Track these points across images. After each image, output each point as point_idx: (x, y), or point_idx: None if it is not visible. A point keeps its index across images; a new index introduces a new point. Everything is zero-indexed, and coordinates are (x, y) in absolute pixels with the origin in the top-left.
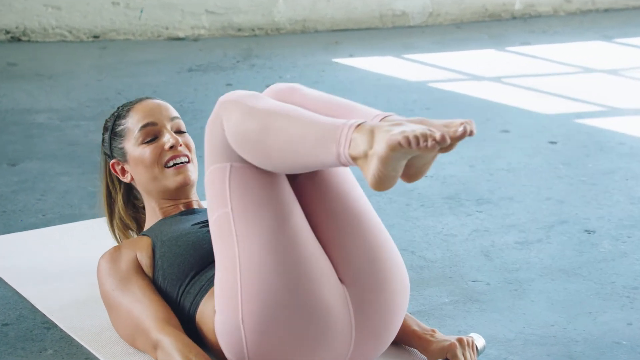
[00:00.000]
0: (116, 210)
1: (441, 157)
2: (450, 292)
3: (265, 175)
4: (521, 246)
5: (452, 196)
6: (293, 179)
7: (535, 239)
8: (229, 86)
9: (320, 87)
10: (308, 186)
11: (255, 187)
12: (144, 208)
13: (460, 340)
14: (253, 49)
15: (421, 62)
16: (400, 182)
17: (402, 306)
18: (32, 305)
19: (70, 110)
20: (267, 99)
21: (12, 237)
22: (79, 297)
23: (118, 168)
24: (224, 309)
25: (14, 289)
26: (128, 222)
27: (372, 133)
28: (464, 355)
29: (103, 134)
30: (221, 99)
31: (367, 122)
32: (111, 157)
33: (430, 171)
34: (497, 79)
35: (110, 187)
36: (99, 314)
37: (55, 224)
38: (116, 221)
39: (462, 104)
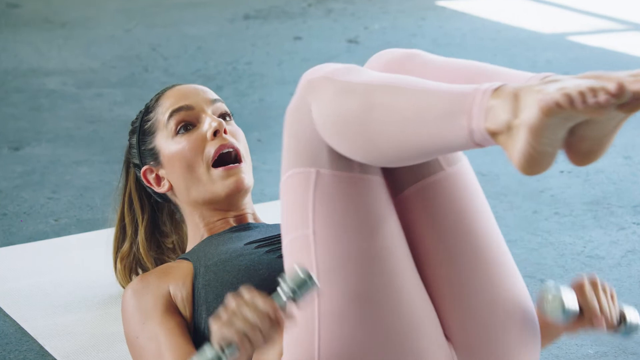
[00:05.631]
0: (134, 249)
1: None
2: (595, 340)
3: (362, 188)
4: None
5: (599, 201)
6: (396, 192)
7: None
8: (298, 40)
9: (418, 41)
10: (416, 203)
11: (347, 204)
12: (172, 250)
13: (593, 282)
14: None
15: (558, 6)
16: (526, 181)
17: None
18: (41, 347)
19: (91, 73)
20: (367, 71)
21: (14, 250)
22: (102, 333)
23: (151, 177)
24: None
25: (17, 323)
26: (149, 265)
27: (516, 97)
28: (597, 296)
29: (129, 140)
30: (306, 75)
31: (508, 84)
32: (142, 165)
33: (568, 165)
34: None
35: (127, 219)
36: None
37: (70, 233)
38: (119, 263)
39: (615, 64)
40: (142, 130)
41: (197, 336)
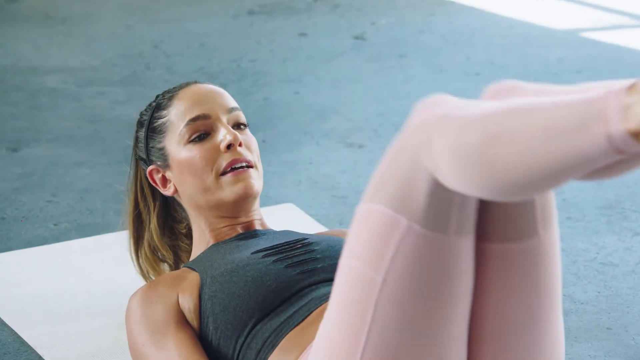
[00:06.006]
0: (147, 236)
1: None
2: (609, 351)
3: (451, 255)
4: None
5: (612, 205)
6: (479, 237)
7: None
8: (303, 36)
9: (426, 37)
10: (495, 261)
11: (429, 269)
12: (185, 235)
13: None
14: None
15: (571, 1)
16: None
17: None
18: (40, 357)
19: (91, 71)
20: (481, 102)
21: (13, 257)
22: (104, 343)
23: (158, 177)
24: None
25: (15, 332)
26: (164, 252)
27: None
28: None
29: (137, 132)
30: (420, 112)
31: None
32: (148, 162)
33: None
34: None
35: (141, 205)
36: None
37: (70, 238)
38: (144, 252)
39: (631, 64)
40: (151, 126)
41: (204, 348)
